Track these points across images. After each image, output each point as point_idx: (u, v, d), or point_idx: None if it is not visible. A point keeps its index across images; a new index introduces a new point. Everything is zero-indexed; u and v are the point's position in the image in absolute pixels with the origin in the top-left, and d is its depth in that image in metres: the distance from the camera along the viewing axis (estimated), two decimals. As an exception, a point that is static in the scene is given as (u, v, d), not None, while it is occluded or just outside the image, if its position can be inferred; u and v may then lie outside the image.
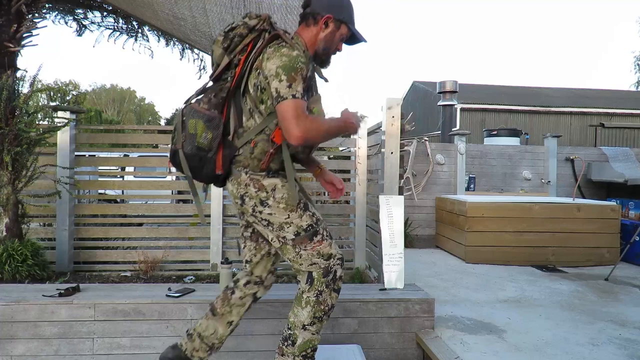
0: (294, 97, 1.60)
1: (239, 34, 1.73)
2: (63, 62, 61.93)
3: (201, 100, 1.75)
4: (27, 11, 3.51)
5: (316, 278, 1.79)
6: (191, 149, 1.72)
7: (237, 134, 1.78)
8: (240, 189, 1.77)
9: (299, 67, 1.62)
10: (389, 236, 3.08)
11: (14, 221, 3.31)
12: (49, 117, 3.52)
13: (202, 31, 3.21)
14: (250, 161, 1.75)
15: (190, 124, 1.71)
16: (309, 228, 1.77)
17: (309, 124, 1.61)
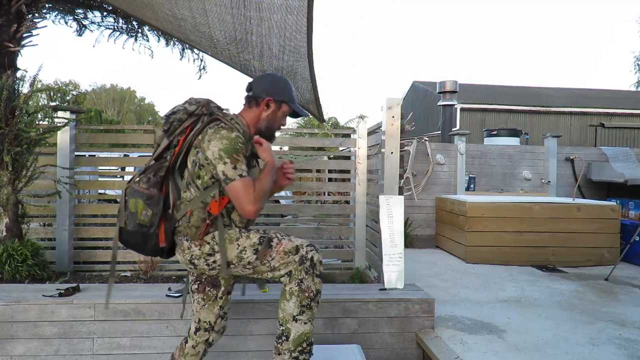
0: (241, 176, 1.73)
1: (178, 118, 1.88)
2: (63, 62, 61.93)
3: (141, 180, 1.85)
4: (27, 11, 3.51)
5: (293, 270, 1.86)
6: (133, 226, 1.82)
7: (177, 207, 1.87)
8: (186, 254, 1.86)
9: (239, 148, 1.76)
10: (389, 236, 3.08)
11: (14, 221, 3.31)
12: (49, 117, 3.52)
13: (202, 32, 3.21)
14: (189, 230, 1.85)
15: (131, 203, 1.82)
16: (261, 239, 1.86)
17: (258, 195, 1.75)
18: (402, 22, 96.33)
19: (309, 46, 2.78)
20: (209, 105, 1.94)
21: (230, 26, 2.93)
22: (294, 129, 7.31)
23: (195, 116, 1.90)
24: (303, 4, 2.37)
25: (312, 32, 2.62)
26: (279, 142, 4.86)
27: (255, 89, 1.94)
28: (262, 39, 3.00)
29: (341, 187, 4.60)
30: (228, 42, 3.24)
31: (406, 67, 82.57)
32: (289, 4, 2.45)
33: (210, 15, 2.83)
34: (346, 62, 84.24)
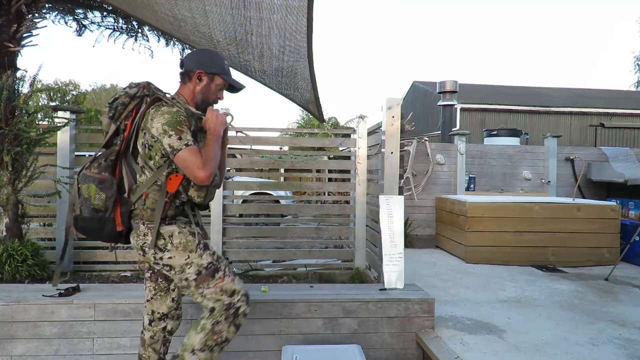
0: (187, 145, 1.75)
1: (121, 103, 1.91)
2: (63, 62, 61.90)
3: (92, 166, 1.86)
4: (27, 11, 3.51)
5: (217, 309, 1.88)
6: (88, 212, 1.83)
7: (132, 191, 1.88)
8: (139, 240, 1.87)
9: (182, 120, 1.78)
10: (389, 236, 3.08)
11: (14, 221, 3.31)
12: (49, 117, 3.52)
13: (202, 32, 3.21)
14: (144, 212, 1.86)
15: (84, 189, 1.82)
16: (209, 265, 1.88)
17: (206, 159, 1.77)
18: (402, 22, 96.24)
19: (309, 46, 2.78)
20: (150, 87, 1.95)
21: (230, 27, 2.93)
22: (294, 129, 7.30)
23: (138, 98, 1.92)
24: (303, 4, 2.37)
25: (312, 32, 2.62)
26: (279, 142, 4.87)
27: (186, 64, 1.95)
28: (262, 39, 3.00)
29: (341, 187, 4.60)
30: (228, 43, 3.24)
31: (406, 67, 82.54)
32: (289, 4, 2.45)
33: (210, 15, 2.83)
34: (346, 62, 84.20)
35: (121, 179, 1.88)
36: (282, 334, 2.77)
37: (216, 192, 3.82)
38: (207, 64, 1.94)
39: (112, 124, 1.92)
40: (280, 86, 4.09)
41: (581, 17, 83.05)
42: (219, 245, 3.77)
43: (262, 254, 4.09)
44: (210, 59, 1.97)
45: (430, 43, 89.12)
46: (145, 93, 1.92)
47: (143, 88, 1.93)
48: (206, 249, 1.92)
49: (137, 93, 1.92)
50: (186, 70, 1.94)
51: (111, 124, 1.92)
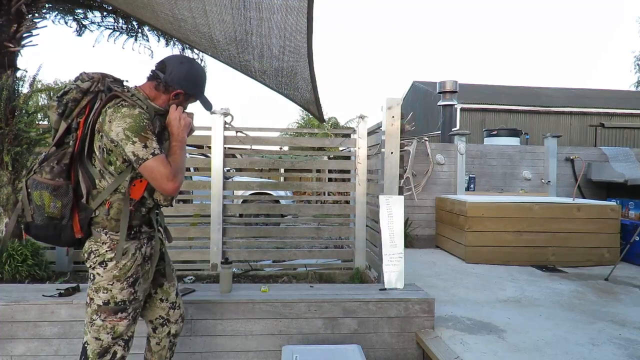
0: (153, 154, 1.63)
1: (72, 98, 1.71)
2: (63, 62, 61.93)
3: (43, 170, 1.68)
4: (27, 11, 3.51)
5: (90, 357, 1.76)
6: (42, 220, 1.69)
7: (92, 196, 1.74)
8: (94, 245, 1.75)
9: (145, 125, 1.64)
10: (389, 236, 3.08)
11: (14, 221, 3.31)
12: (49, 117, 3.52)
13: (202, 32, 3.21)
14: (108, 222, 1.74)
15: (36, 196, 1.67)
16: (120, 303, 1.75)
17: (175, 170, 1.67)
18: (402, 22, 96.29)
19: (309, 46, 2.78)
20: (105, 80, 1.77)
21: (230, 27, 2.93)
22: (294, 129, 7.29)
23: (92, 93, 1.73)
24: (303, 4, 2.37)
25: (312, 33, 2.62)
26: (279, 142, 4.87)
27: (168, 75, 1.77)
28: (262, 39, 3.00)
29: (341, 187, 4.60)
30: (228, 43, 3.24)
31: (406, 67, 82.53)
32: (289, 4, 2.45)
33: (210, 15, 2.83)
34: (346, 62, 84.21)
35: (77, 184, 1.73)
36: (282, 334, 2.77)
37: (216, 192, 3.82)
38: (191, 86, 1.82)
39: (62, 122, 1.72)
40: (280, 86, 4.09)
41: (581, 17, 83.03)
42: (219, 246, 3.78)
43: (262, 254, 4.09)
44: (195, 80, 1.84)
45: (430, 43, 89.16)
46: (100, 88, 1.74)
47: (97, 82, 1.74)
48: (132, 285, 1.78)
49: (90, 87, 1.73)
50: (167, 81, 1.77)
51: (61, 122, 1.72)
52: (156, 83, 1.79)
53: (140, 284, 1.83)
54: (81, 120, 1.72)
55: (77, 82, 1.75)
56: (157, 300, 2.00)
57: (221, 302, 2.74)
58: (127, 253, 1.76)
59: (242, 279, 3.65)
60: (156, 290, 2.00)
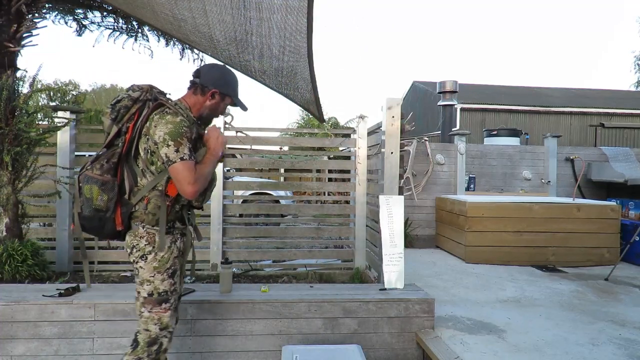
0: (182, 159, 1.80)
1: (124, 105, 1.94)
2: (63, 62, 61.90)
3: (94, 167, 1.90)
4: (27, 11, 3.51)
5: (140, 345, 1.94)
6: (90, 211, 1.88)
7: (133, 193, 1.93)
8: (134, 240, 1.93)
9: (183, 132, 1.82)
10: (389, 236, 3.08)
11: (14, 221, 3.31)
12: (49, 117, 3.52)
13: (202, 32, 3.21)
14: (146, 216, 1.92)
15: (86, 190, 1.87)
16: (163, 293, 1.94)
17: (197, 177, 1.82)
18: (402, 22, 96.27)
19: (309, 46, 2.78)
20: (152, 91, 1.99)
21: (230, 27, 2.93)
22: (294, 129, 7.29)
23: (140, 102, 1.95)
24: (303, 4, 2.37)
25: (312, 32, 2.62)
26: (279, 142, 4.87)
27: (203, 78, 1.99)
28: (262, 39, 3.00)
29: (341, 187, 4.60)
30: (228, 43, 3.24)
31: (406, 67, 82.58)
32: (289, 4, 2.45)
33: (210, 15, 2.83)
34: (346, 62, 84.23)
35: (122, 181, 1.92)
36: (282, 334, 2.77)
37: (216, 192, 3.82)
38: (223, 85, 2.01)
39: (113, 126, 1.95)
40: (280, 86, 4.09)
41: (581, 17, 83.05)
42: (219, 246, 3.78)
43: (262, 254, 4.09)
44: (228, 80, 2.04)
45: (430, 43, 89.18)
46: (148, 97, 1.96)
47: (146, 92, 1.97)
48: (171, 276, 1.96)
49: (139, 96, 1.96)
50: (201, 83, 1.98)
51: (113, 126, 1.95)
52: (194, 89, 2.00)
53: (178, 275, 2.01)
54: (130, 125, 1.93)
55: (128, 91, 1.98)
56: None
57: (221, 302, 2.75)
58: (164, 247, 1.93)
59: (242, 279, 3.65)
60: None
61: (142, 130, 1.89)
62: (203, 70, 2.03)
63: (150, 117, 1.88)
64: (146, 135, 1.88)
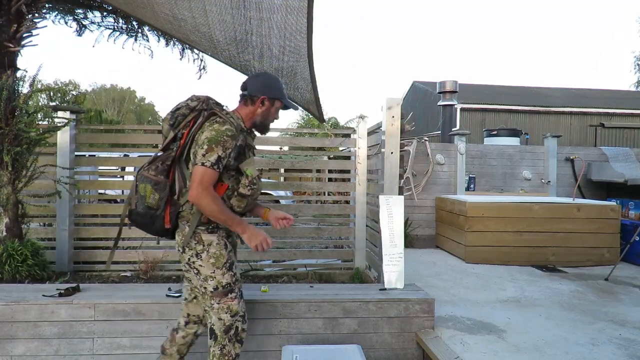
0: (203, 164, 1.91)
1: (182, 113, 2.09)
2: (63, 62, 61.89)
3: (150, 168, 2.06)
4: (27, 11, 3.51)
5: (219, 335, 2.08)
6: (142, 208, 2.03)
7: (182, 194, 2.06)
8: (184, 239, 2.05)
9: (221, 140, 1.93)
10: (389, 236, 3.08)
11: (14, 221, 3.31)
12: (49, 117, 3.52)
13: (202, 32, 3.21)
14: (191, 216, 2.04)
15: (141, 188, 2.02)
16: (227, 285, 2.06)
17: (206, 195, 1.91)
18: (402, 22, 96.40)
19: (309, 46, 2.78)
20: (209, 102, 2.11)
21: (230, 26, 2.93)
22: (294, 129, 7.29)
23: (197, 111, 2.08)
24: (303, 4, 2.37)
25: (312, 32, 2.62)
26: (279, 142, 4.86)
27: (250, 88, 2.12)
28: (262, 39, 3.00)
29: (341, 187, 4.60)
30: (228, 43, 3.24)
31: (406, 67, 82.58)
32: (289, 4, 2.45)
33: (210, 15, 2.83)
34: (346, 62, 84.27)
35: (173, 182, 2.06)
36: (282, 334, 2.77)
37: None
38: (270, 90, 2.14)
39: (171, 131, 2.10)
40: (280, 86, 4.08)
41: (581, 17, 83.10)
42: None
43: (262, 254, 4.09)
44: (273, 85, 2.17)
45: (430, 43, 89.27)
46: (204, 107, 2.09)
47: (203, 102, 2.10)
48: (230, 269, 2.08)
49: (196, 106, 2.09)
50: (250, 94, 2.11)
51: (170, 131, 2.11)
52: (244, 101, 2.15)
53: (236, 266, 2.14)
54: (185, 132, 2.07)
55: (187, 101, 2.12)
56: None
57: (221, 302, 2.74)
58: (212, 244, 2.03)
59: (242, 279, 3.64)
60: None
61: (195, 137, 2.02)
62: (248, 81, 2.16)
63: (203, 125, 2.01)
64: (197, 140, 2.00)
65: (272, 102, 2.16)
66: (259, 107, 2.14)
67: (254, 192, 2.10)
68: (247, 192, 2.07)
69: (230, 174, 2.05)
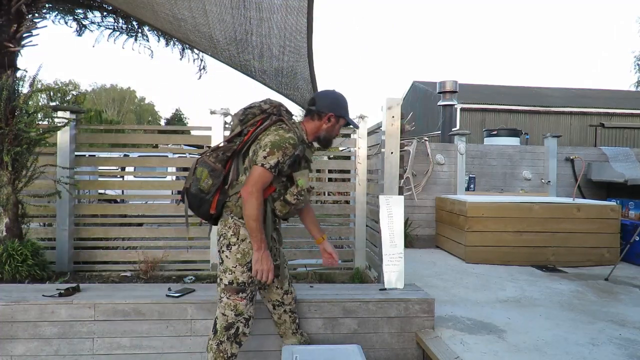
0: (262, 166, 2.01)
1: (252, 112, 2.22)
2: (63, 62, 61.91)
3: (211, 155, 2.18)
4: (27, 11, 3.51)
5: (219, 330, 2.17)
6: (195, 189, 2.16)
7: (232, 185, 2.18)
8: (223, 229, 2.18)
9: (283, 146, 2.03)
10: (389, 236, 3.08)
11: (14, 221, 3.31)
12: (49, 117, 3.52)
13: (202, 32, 3.21)
14: (235, 208, 2.16)
15: (198, 171, 2.15)
16: (241, 284, 2.15)
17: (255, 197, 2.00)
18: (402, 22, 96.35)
19: (309, 46, 2.78)
20: (280, 108, 2.25)
21: (230, 26, 2.93)
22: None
23: (266, 114, 2.21)
24: (303, 4, 2.37)
25: (312, 32, 2.62)
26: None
27: (318, 104, 2.24)
28: (262, 39, 3.00)
29: (341, 187, 4.60)
30: (228, 43, 3.24)
31: (406, 67, 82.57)
32: (289, 4, 2.45)
33: (210, 15, 2.83)
34: (346, 62, 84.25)
35: (228, 172, 2.19)
36: (282, 334, 2.77)
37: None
38: (337, 108, 2.25)
39: (238, 126, 2.23)
40: (280, 86, 4.09)
41: (581, 17, 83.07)
42: (219, 245, 3.77)
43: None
44: (340, 104, 2.27)
45: (430, 43, 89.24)
46: (274, 112, 2.21)
47: (274, 107, 2.23)
48: (250, 270, 2.14)
49: (268, 109, 2.21)
50: (317, 109, 2.22)
51: (238, 126, 2.23)
52: (311, 116, 2.25)
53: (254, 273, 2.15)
54: (251, 130, 2.19)
55: (261, 102, 2.26)
56: (274, 287, 2.40)
57: (221, 302, 2.74)
58: (246, 240, 2.13)
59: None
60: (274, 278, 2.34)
61: (258, 136, 2.14)
62: (317, 98, 2.28)
63: (268, 127, 2.13)
64: (259, 140, 2.11)
65: (338, 119, 2.26)
66: (325, 123, 2.24)
67: (299, 202, 2.18)
68: (293, 200, 2.16)
69: (281, 179, 2.15)
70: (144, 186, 3.93)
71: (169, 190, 7.01)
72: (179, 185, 4.02)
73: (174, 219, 4.30)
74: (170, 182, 4.15)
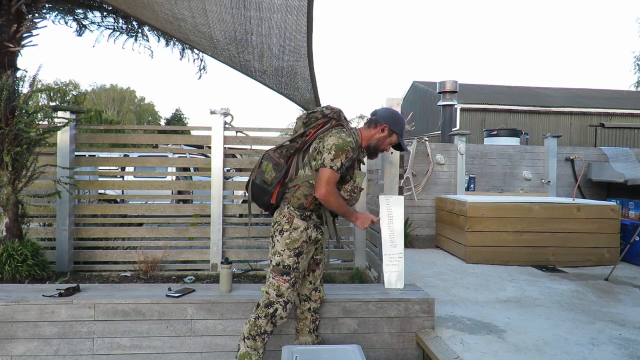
0: (331, 168, 2.21)
1: (315, 116, 2.42)
2: (63, 62, 61.87)
3: (276, 151, 2.41)
4: (27, 11, 3.51)
5: (260, 305, 2.38)
6: (260, 181, 2.38)
7: (291, 179, 2.38)
8: (279, 217, 2.39)
9: (346, 149, 2.23)
10: (389, 236, 3.08)
11: (14, 221, 3.31)
12: (49, 117, 3.52)
13: (202, 32, 3.21)
14: (292, 199, 2.36)
15: (264, 164, 2.38)
16: (286, 267, 2.33)
17: (333, 193, 2.23)
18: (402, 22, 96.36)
19: (309, 46, 2.78)
20: (340, 114, 2.43)
21: (230, 26, 2.93)
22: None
23: (327, 118, 2.40)
24: (303, 4, 2.37)
25: (312, 32, 2.62)
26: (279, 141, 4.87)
27: (379, 114, 2.45)
28: (262, 39, 3.00)
29: (341, 187, 4.58)
30: (228, 42, 3.24)
31: (406, 67, 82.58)
32: (289, 4, 2.45)
33: (210, 15, 2.83)
34: (346, 62, 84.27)
35: (289, 168, 2.38)
36: (282, 334, 2.77)
37: (216, 193, 3.82)
38: (393, 123, 2.42)
39: (302, 127, 2.43)
40: (280, 86, 4.09)
41: (581, 17, 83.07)
42: (219, 246, 3.78)
43: (262, 254, 4.09)
44: (397, 120, 2.44)
45: (430, 43, 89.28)
46: (334, 117, 2.40)
47: (335, 113, 2.41)
48: (297, 255, 2.34)
49: (329, 114, 2.40)
50: (376, 119, 2.43)
51: (302, 127, 2.43)
52: (369, 124, 2.46)
53: (303, 258, 2.37)
54: (312, 132, 2.41)
55: (323, 108, 2.45)
56: (307, 281, 2.57)
57: (221, 302, 2.75)
58: (297, 229, 2.33)
59: (242, 279, 3.64)
60: (309, 273, 2.56)
61: (317, 137, 2.34)
62: (379, 110, 2.49)
63: (330, 130, 2.33)
64: (321, 140, 2.30)
65: (390, 133, 2.42)
66: (378, 133, 2.41)
67: (351, 199, 2.39)
68: (347, 196, 2.36)
69: None
70: (144, 186, 3.93)
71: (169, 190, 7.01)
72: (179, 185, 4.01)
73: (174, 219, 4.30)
74: (170, 182, 4.15)
